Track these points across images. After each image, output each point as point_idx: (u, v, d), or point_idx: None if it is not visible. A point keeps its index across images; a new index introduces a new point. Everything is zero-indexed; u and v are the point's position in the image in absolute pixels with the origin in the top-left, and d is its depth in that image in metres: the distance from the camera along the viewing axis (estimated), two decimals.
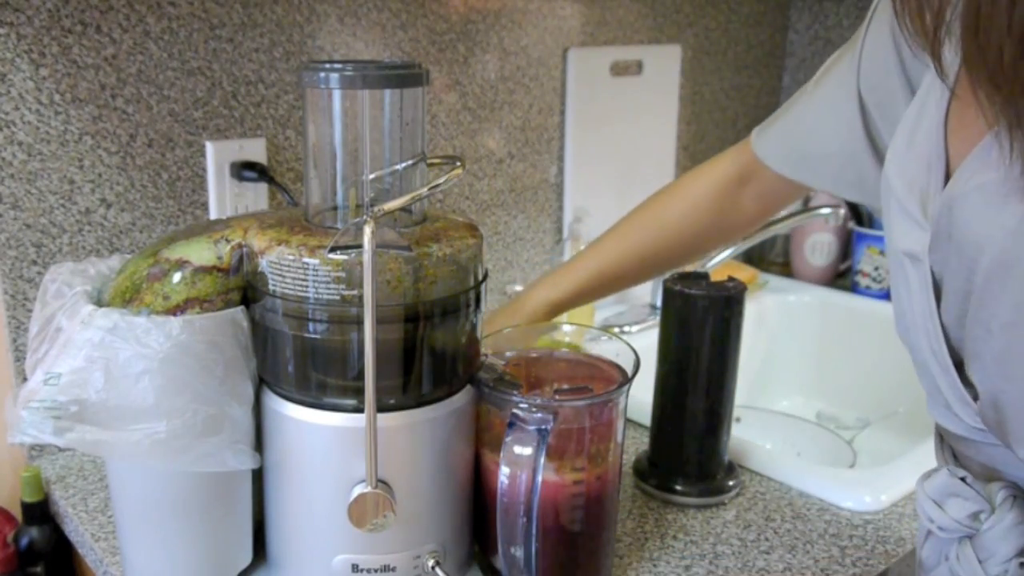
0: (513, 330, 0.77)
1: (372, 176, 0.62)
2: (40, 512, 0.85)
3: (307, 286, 0.60)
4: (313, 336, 0.61)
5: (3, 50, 0.81)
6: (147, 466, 0.62)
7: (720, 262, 1.26)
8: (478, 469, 0.68)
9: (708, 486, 0.83)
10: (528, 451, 0.60)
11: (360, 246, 0.56)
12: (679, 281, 0.82)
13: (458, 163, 0.64)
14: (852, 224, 1.45)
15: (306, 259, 0.59)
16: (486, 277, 0.66)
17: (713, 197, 0.83)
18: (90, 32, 0.85)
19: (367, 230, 0.55)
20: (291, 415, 0.62)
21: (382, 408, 0.61)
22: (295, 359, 0.62)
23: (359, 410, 0.60)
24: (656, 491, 0.84)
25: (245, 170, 0.96)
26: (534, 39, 1.20)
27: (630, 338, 1.23)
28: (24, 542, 0.85)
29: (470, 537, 0.70)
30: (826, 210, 1.25)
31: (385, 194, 0.63)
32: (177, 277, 0.62)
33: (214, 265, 0.62)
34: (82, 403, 0.58)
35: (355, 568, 0.63)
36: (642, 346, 0.75)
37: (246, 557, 0.70)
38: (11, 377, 0.88)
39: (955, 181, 0.53)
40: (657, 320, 1.05)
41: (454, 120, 1.15)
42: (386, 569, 0.63)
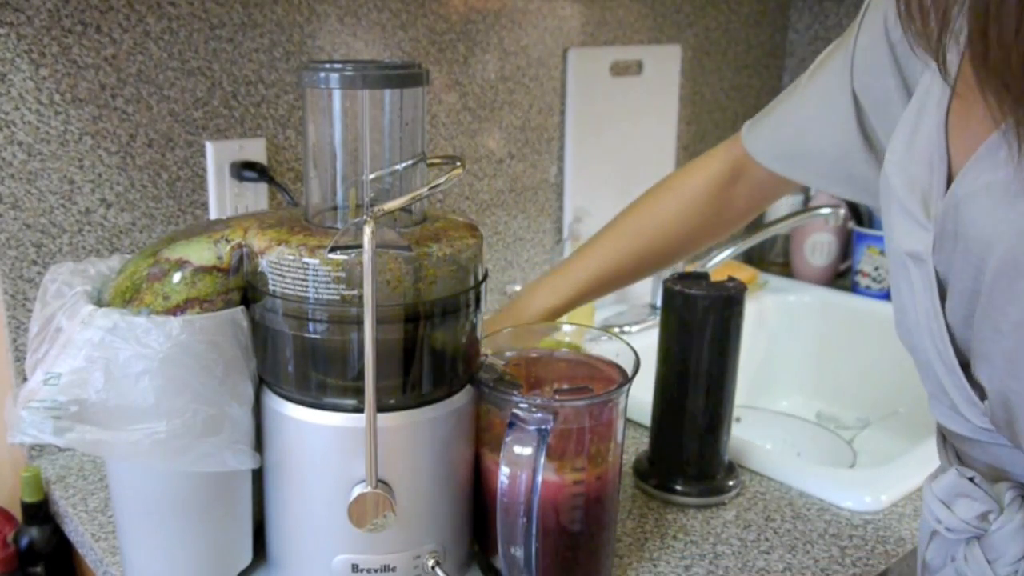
0: (513, 330, 0.77)
1: (372, 176, 0.62)
2: (40, 512, 0.84)
3: (307, 286, 0.59)
4: (313, 336, 0.61)
5: (3, 50, 0.81)
6: (147, 466, 0.62)
7: (720, 262, 1.26)
8: (478, 469, 0.68)
9: (708, 486, 0.83)
10: (528, 451, 0.60)
11: (360, 246, 0.56)
12: (679, 281, 0.82)
13: (458, 163, 0.64)
14: (852, 224, 1.45)
15: (306, 259, 0.59)
16: (486, 277, 0.66)
17: (707, 194, 0.83)
18: (90, 32, 0.85)
19: (367, 230, 0.55)
20: (291, 415, 0.62)
21: (382, 408, 0.61)
22: (295, 359, 0.62)
23: (359, 410, 0.60)
24: (656, 491, 0.84)
25: (245, 170, 0.96)
26: (534, 39, 1.20)
27: (630, 338, 1.23)
28: (24, 542, 0.85)
29: (470, 537, 0.70)
30: (826, 210, 1.25)
31: (385, 194, 0.63)
32: (177, 277, 0.62)
33: (214, 265, 0.62)
34: (82, 403, 0.58)
35: (355, 568, 0.63)
36: (642, 346, 0.75)
37: (246, 557, 0.70)
38: (11, 377, 0.88)
39: (961, 180, 0.52)
40: (657, 320, 1.05)
41: (454, 120, 1.15)
42: (386, 569, 0.63)
